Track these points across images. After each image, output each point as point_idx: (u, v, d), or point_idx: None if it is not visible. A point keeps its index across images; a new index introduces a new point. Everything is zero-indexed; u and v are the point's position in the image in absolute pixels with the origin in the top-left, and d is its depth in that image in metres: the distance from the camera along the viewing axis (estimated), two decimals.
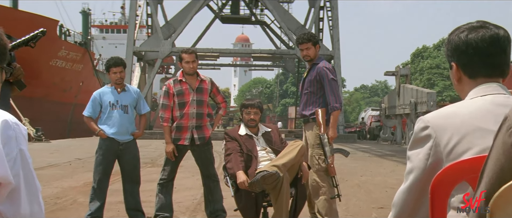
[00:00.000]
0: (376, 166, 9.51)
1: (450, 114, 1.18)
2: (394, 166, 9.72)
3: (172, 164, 4.07)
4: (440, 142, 1.16)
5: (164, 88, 4.06)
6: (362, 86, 78.78)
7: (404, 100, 18.87)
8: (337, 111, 3.83)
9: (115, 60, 4.01)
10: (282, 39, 29.29)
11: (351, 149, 14.02)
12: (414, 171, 1.19)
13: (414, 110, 17.24)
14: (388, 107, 21.20)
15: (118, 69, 4.00)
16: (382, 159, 11.48)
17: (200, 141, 4.00)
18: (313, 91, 3.93)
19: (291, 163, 3.31)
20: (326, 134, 3.78)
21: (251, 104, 3.62)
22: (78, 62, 25.76)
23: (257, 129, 3.67)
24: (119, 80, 4.01)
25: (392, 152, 14.39)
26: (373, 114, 29.39)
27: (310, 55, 3.94)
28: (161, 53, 21.42)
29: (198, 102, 4.00)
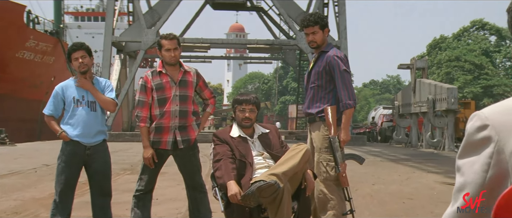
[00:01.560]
0: (389, 173, 9.45)
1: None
2: (410, 172, 9.69)
3: (150, 173, 3.93)
4: (504, 147, 0.94)
5: (140, 81, 3.91)
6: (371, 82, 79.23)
7: (420, 96, 18.90)
8: (350, 109, 3.70)
9: (74, 44, 3.86)
10: (282, 28, 29.23)
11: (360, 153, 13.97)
12: (467, 187, 0.98)
13: (432, 108, 17.27)
14: (402, 105, 21.29)
15: (79, 53, 3.82)
16: (396, 164, 11.48)
17: (184, 144, 3.86)
18: (321, 84, 3.82)
19: (293, 171, 3.18)
20: (338, 137, 3.67)
21: (246, 99, 3.49)
22: (49, 54, 25.55)
23: (252, 130, 3.54)
24: (83, 66, 3.82)
25: (407, 156, 14.38)
26: (385, 113, 29.66)
27: (317, 41, 3.83)
28: (144, 44, 21.31)
29: (182, 98, 3.85)
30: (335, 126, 3.69)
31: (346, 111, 3.71)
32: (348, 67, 3.78)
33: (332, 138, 3.65)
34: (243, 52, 63.41)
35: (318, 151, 3.79)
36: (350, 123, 3.80)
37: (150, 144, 3.86)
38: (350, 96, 3.72)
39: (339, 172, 3.59)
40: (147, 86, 3.86)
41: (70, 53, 3.84)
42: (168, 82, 3.84)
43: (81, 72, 3.83)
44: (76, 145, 3.83)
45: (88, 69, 3.86)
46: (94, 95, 3.84)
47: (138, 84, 3.93)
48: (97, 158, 3.90)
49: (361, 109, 62.57)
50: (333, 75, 3.76)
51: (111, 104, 3.87)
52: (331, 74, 3.77)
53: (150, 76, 3.87)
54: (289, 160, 3.20)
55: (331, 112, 3.70)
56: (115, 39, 22.63)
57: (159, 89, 3.83)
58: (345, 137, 3.69)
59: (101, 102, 3.86)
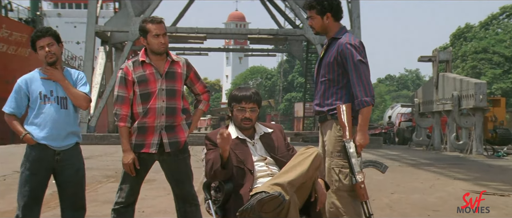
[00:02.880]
0: (410, 179, 9.41)
1: None
2: (434, 179, 9.63)
3: (132, 182, 3.80)
4: None
5: (119, 73, 3.78)
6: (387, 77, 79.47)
7: (443, 93, 18.89)
8: (368, 107, 3.57)
9: (39, 30, 3.71)
10: (287, 16, 29.18)
11: (375, 156, 14.16)
12: None
13: (458, 105, 17.18)
14: (422, 102, 21.27)
15: (45, 40, 3.68)
16: (417, 170, 11.45)
17: (172, 147, 3.75)
18: (333, 78, 3.71)
19: (301, 180, 3.07)
20: (353, 141, 3.55)
21: (245, 96, 3.38)
22: (24, 46, 25.64)
23: (253, 130, 3.45)
24: (51, 56, 3.68)
25: (429, 161, 14.35)
26: (403, 112, 29.68)
27: (315, 27, 3.78)
28: (132, 34, 21.26)
29: (169, 93, 3.74)
30: (350, 128, 3.57)
31: (362, 110, 3.58)
32: (365, 57, 3.64)
33: (346, 142, 3.55)
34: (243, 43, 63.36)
35: (330, 155, 3.70)
36: (367, 124, 3.67)
37: (131, 148, 3.75)
38: (367, 91, 3.58)
39: (357, 182, 3.47)
40: (127, 79, 3.74)
41: (35, 41, 3.69)
42: (153, 74, 3.73)
43: (48, 63, 3.70)
44: (43, 149, 3.68)
45: (57, 59, 3.73)
46: (65, 88, 3.71)
47: (117, 76, 3.80)
48: (69, 165, 3.74)
49: (376, 108, 62.59)
50: (346, 66, 3.63)
51: (84, 100, 3.75)
52: (344, 66, 3.64)
53: (131, 67, 3.75)
54: (296, 166, 3.10)
55: (345, 111, 3.59)
56: (99, 29, 22.62)
57: (142, 82, 3.72)
58: (363, 141, 3.57)
59: (72, 97, 3.72)
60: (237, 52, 71.07)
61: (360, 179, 3.48)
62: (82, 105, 3.76)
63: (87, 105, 3.77)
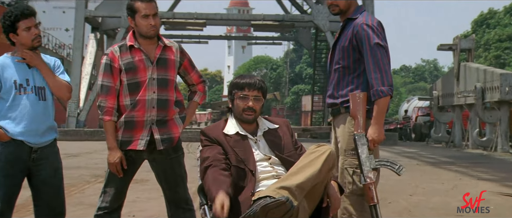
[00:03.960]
0: (429, 180, 9.44)
1: None
2: (456, 179, 9.67)
3: (118, 184, 3.71)
4: None
5: (103, 59, 3.67)
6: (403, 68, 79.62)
7: (465, 85, 19.00)
8: (385, 98, 3.47)
9: (24, 8, 3.56)
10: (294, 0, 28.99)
11: (390, 154, 14.25)
12: None
13: (481, 98, 17.22)
14: (442, 95, 21.46)
15: (32, 21, 3.55)
16: (437, 169, 11.55)
17: (164, 144, 3.66)
18: (348, 65, 3.61)
19: (312, 183, 2.96)
20: (366, 135, 3.46)
21: (248, 83, 3.28)
22: None
23: (255, 125, 3.34)
24: (39, 39, 3.59)
25: (450, 159, 14.48)
26: (420, 106, 29.76)
27: (339, 5, 3.64)
28: (125, 20, 21.25)
29: (161, 83, 3.65)
30: (363, 119, 3.47)
31: (378, 101, 3.47)
32: (383, 40, 3.52)
33: (357, 136, 3.45)
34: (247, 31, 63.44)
35: (343, 154, 3.62)
36: (384, 117, 3.56)
37: (118, 145, 3.65)
38: (385, 80, 3.46)
39: (366, 183, 3.36)
40: (113, 66, 3.63)
41: (16, 21, 3.52)
42: (142, 60, 3.62)
43: (34, 47, 3.58)
44: (18, 146, 3.53)
45: (40, 42, 3.66)
46: (45, 75, 3.58)
47: (101, 63, 3.68)
48: (46, 165, 3.62)
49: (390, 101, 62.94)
50: (362, 51, 3.53)
51: (67, 89, 3.64)
52: (360, 50, 3.54)
53: (118, 52, 3.64)
54: (306, 167, 2.99)
55: (360, 100, 3.49)
56: (90, 14, 22.66)
57: (130, 70, 3.61)
58: (376, 135, 3.46)
59: (53, 86, 3.61)
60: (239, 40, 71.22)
61: (370, 180, 3.37)
62: (65, 95, 3.65)
63: (69, 95, 3.68)
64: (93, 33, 24.17)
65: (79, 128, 21.18)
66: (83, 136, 19.73)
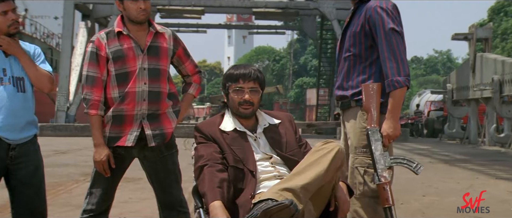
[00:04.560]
0: (443, 178, 9.44)
1: None
2: (472, 178, 9.67)
3: (105, 184, 3.66)
4: None
5: (89, 47, 3.63)
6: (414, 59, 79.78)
7: (482, 77, 19.05)
8: (401, 89, 3.39)
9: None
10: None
11: (401, 151, 14.31)
12: None
13: (499, 92, 17.27)
14: (456, 88, 21.48)
15: (9, 5, 3.47)
16: (451, 167, 11.57)
17: (156, 141, 3.62)
18: (359, 53, 3.55)
19: (318, 184, 2.91)
20: (380, 130, 3.43)
21: (243, 73, 3.23)
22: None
23: (255, 120, 3.30)
24: (16, 25, 3.52)
25: (465, 156, 14.55)
26: (433, 99, 30.18)
27: None
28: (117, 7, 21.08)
29: (152, 73, 3.60)
30: (377, 112, 3.42)
31: (394, 93, 3.40)
32: (399, 25, 3.45)
33: (369, 131, 3.41)
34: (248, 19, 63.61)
35: (354, 151, 3.56)
36: (400, 111, 3.50)
37: (105, 141, 3.61)
38: (401, 69, 3.39)
39: (381, 183, 3.31)
40: (99, 54, 3.57)
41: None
42: (132, 48, 3.57)
43: (10, 33, 3.51)
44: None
45: (18, 28, 3.59)
46: (25, 65, 3.51)
47: (87, 51, 3.63)
48: (25, 163, 3.53)
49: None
50: (375, 37, 3.46)
51: (49, 80, 3.57)
52: (373, 36, 3.48)
53: (104, 40, 3.59)
54: (311, 166, 2.93)
55: (374, 91, 3.43)
56: (80, 1, 22.60)
57: (118, 59, 3.56)
58: (391, 131, 3.40)
59: (33, 76, 3.53)
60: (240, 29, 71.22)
61: (384, 179, 3.32)
62: (46, 86, 3.58)
63: (51, 86, 3.61)
64: (84, 21, 24.13)
65: (69, 123, 21.18)
66: (73, 132, 19.78)
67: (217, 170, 3.02)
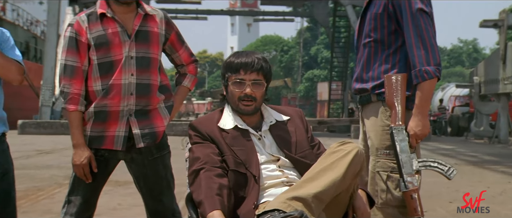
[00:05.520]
0: (471, 182, 9.40)
1: None
2: (504, 182, 9.68)
3: (86, 191, 3.62)
4: None
5: (67, 31, 3.56)
6: None
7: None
8: (431, 81, 3.34)
9: None
10: None
11: (424, 152, 14.24)
12: None
13: None
14: (484, 81, 21.56)
15: None
16: (479, 170, 11.53)
17: (145, 141, 3.57)
18: (381, 38, 3.50)
19: (333, 192, 2.85)
20: (406, 129, 3.40)
21: (245, 63, 3.16)
22: None
23: (259, 117, 3.25)
24: None
25: (495, 157, 14.62)
26: (458, 94, 30.89)
27: None
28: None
29: (141, 62, 3.54)
30: (403, 107, 3.37)
31: (422, 85, 3.35)
32: (428, 4, 3.40)
33: (394, 130, 3.37)
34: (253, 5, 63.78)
35: (375, 154, 3.53)
36: (429, 106, 3.47)
37: (86, 142, 3.56)
38: (430, 57, 3.34)
39: (408, 190, 3.30)
40: (79, 41, 3.50)
41: None
42: (117, 33, 3.50)
43: None
44: None
45: None
46: None
47: (64, 36, 3.56)
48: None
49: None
50: (400, 20, 3.41)
51: (17, 70, 3.45)
52: (398, 20, 3.43)
53: (85, 23, 3.52)
54: (326, 171, 2.87)
55: (399, 83, 3.38)
56: None
57: (102, 45, 3.49)
58: (419, 129, 3.37)
59: None
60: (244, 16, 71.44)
61: (412, 186, 3.30)
62: (14, 77, 3.48)
63: (20, 78, 3.51)
64: (71, 6, 24.20)
65: (54, 119, 21.19)
66: (59, 129, 19.81)
67: (216, 174, 2.95)
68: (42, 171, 9.46)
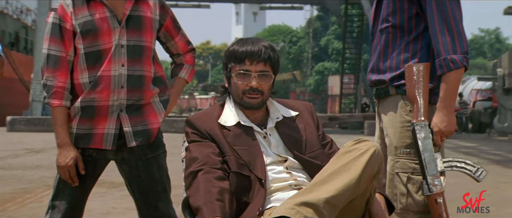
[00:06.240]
0: (496, 183, 9.39)
1: None
2: None
3: (72, 195, 3.56)
4: None
5: (50, 17, 3.51)
6: None
7: None
8: (458, 71, 3.29)
9: None
10: None
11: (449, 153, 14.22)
12: None
13: None
14: (509, 73, 21.83)
15: None
16: (505, 170, 11.57)
17: (138, 139, 3.52)
18: (400, 23, 3.45)
19: (347, 197, 2.79)
20: (430, 125, 3.33)
21: (250, 52, 3.10)
22: None
23: (264, 112, 3.20)
24: None
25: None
26: (479, 88, 30.54)
27: None
28: None
29: (132, 51, 3.49)
30: (426, 101, 3.32)
31: (448, 76, 3.30)
32: None
33: (415, 126, 3.32)
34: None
35: (393, 153, 3.48)
36: (455, 99, 3.41)
37: (72, 140, 3.50)
38: (457, 44, 3.29)
39: (430, 194, 3.25)
40: (64, 27, 3.45)
41: None
42: (106, 19, 3.45)
43: None
44: None
45: None
46: None
47: (47, 22, 3.51)
48: None
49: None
50: (422, 3, 3.37)
51: None
52: (420, 2, 3.38)
53: (70, 7, 3.46)
54: (339, 173, 2.81)
55: (421, 73, 3.31)
56: None
57: (89, 33, 3.43)
58: (445, 125, 3.32)
59: None
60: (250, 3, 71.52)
61: (436, 189, 3.25)
62: None
63: (0, 71, 3.50)
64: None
65: (46, 116, 21.25)
66: (51, 126, 19.31)
67: (216, 177, 2.89)
68: (30, 171, 9.46)
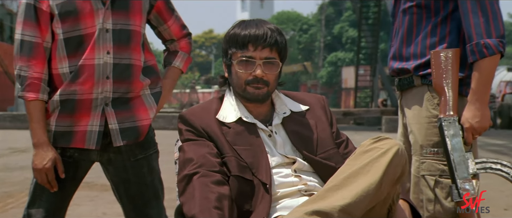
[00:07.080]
0: None
1: None
2: None
3: (50, 202, 3.51)
4: None
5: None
6: None
7: None
8: (493, 58, 3.20)
9: None
10: None
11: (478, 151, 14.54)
12: None
13: None
14: None
15: None
16: None
17: (125, 138, 3.47)
18: (426, 3, 3.37)
19: (366, 205, 2.68)
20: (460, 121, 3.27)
21: (254, 35, 3.00)
22: None
23: (270, 106, 3.12)
24: None
25: None
26: (509, 79, 30.75)
27: None
28: None
29: (119, 36, 3.44)
30: (455, 93, 3.25)
31: (481, 63, 3.23)
32: None
33: (444, 122, 3.24)
34: None
35: (419, 152, 3.42)
36: (489, 91, 3.36)
37: (50, 140, 3.43)
38: (492, 27, 3.22)
39: (461, 199, 3.23)
40: (40, 9, 3.37)
41: None
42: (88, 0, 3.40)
43: None
44: None
45: None
46: None
47: (20, 3, 3.44)
48: None
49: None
50: None
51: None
52: None
53: None
54: (356, 177, 2.69)
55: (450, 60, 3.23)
56: None
57: (69, 15, 3.37)
58: (477, 121, 3.25)
59: None
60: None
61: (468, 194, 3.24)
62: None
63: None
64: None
65: None
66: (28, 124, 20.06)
67: (213, 181, 2.79)
68: (14, 173, 9.53)
